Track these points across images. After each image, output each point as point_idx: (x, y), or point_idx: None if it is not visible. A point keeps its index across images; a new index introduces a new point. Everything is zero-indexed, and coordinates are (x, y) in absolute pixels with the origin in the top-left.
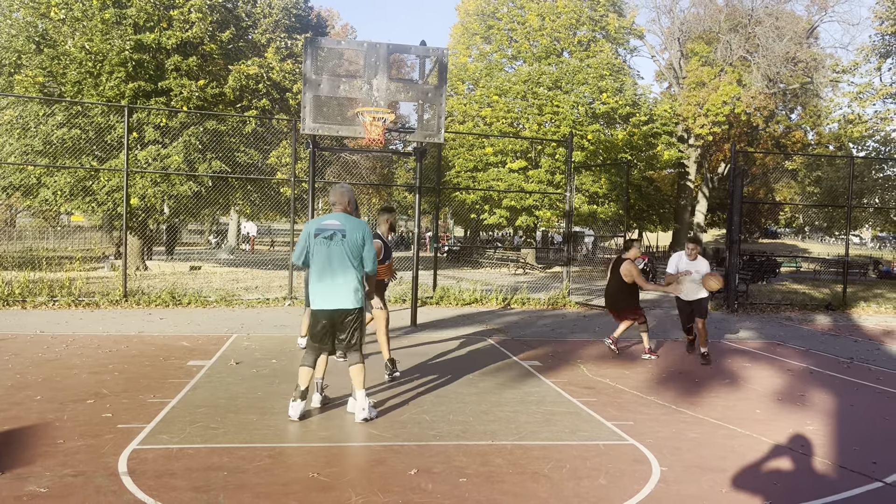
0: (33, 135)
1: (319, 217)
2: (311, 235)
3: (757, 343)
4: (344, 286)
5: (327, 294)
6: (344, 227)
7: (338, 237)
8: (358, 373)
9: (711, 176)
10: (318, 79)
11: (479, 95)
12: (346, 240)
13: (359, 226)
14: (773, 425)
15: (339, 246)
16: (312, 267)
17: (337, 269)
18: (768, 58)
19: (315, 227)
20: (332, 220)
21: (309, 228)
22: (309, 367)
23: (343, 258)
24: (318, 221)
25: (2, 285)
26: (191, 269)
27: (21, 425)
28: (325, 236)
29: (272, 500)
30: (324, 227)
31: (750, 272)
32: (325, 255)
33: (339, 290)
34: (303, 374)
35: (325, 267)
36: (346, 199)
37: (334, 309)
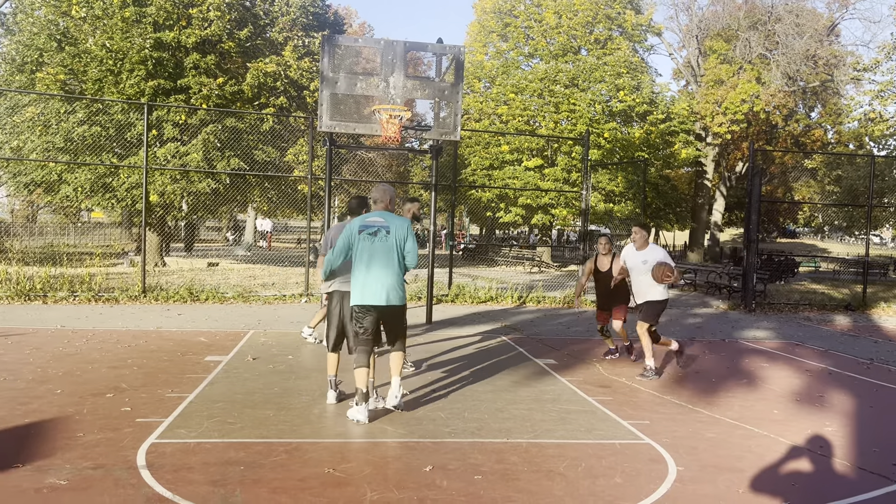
0: (55, 132)
1: (363, 215)
2: (356, 232)
3: (775, 343)
4: (389, 282)
5: (373, 291)
6: (388, 224)
7: (382, 233)
8: (398, 360)
9: (729, 175)
10: (336, 76)
11: (495, 93)
12: (391, 236)
13: (402, 222)
14: (791, 426)
15: (383, 242)
16: (356, 264)
17: (382, 266)
18: (788, 55)
19: (359, 224)
20: (375, 217)
21: (352, 226)
22: (364, 366)
23: (388, 255)
24: (362, 219)
25: (23, 280)
26: (208, 266)
27: (42, 418)
28: (370, 233)
29: (288, 495)
30: (368, 224)
31: (768, 272)
32: (370, 252)
33: (384, 287)
34: (360, 376)
35: (369, 263)
36: (387, 196)
37: (381, 305)
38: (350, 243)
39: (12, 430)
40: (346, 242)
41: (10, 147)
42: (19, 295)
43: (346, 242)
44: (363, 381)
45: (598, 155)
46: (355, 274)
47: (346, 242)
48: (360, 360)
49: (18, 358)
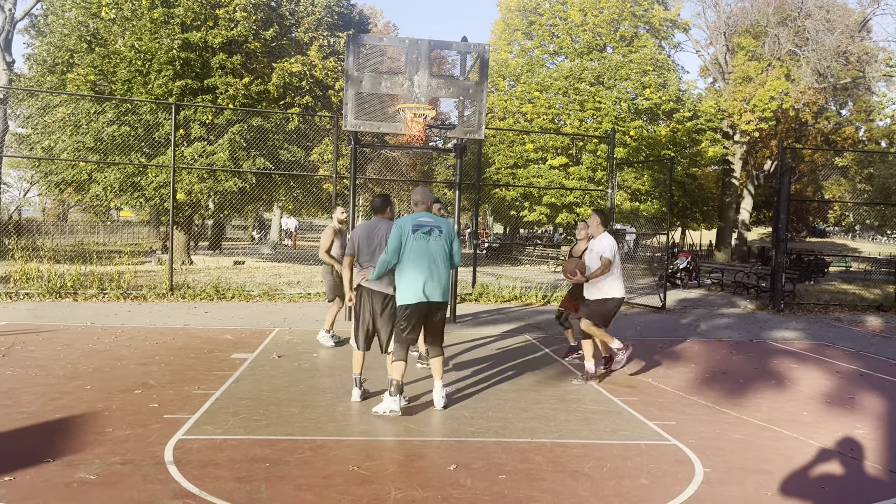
0: (85, 132)
1: (411, 215)
2: (409, 231)
3: (804, 344)
4: (442, 280)
5: (426, 288)
6: (438, 224)
7: (436, 233)
8: (441, 365)
9: (757, 173)
10: (360, 76)
11: (519, 91)
12: (443, 236)
13: (447, 223)
14: (820, 428)
15: (437, 241)
16: (406, 262)
17: (436, 264)
18: (818, 52)
19: (411, 223)
20: (425, 217)
21: (403, 225)
22: (402, 360)
23: (441, 253)
24: (414, 218)
25: (55, 278)
26: (234, 264)
27: (72, 414)
28: (424, 231)
29: (313, 492)
30: (421, 223)
31: (797, 271)
32: (425, 251)
33: (438, 285)
34: (397, 369)
35: (423, 262)
36: (429, 199)
37: (431, 302)
38: (402, 242)
39: (43, 424)
40: (399, 241)
41: (42, 147)
42: (51, 292)
43: (399, 241)
44: (400, 373)
45: (623, 153)
46: (407, 272)
47: (399, 241)
48: (399, 354)
49: (50, 354)
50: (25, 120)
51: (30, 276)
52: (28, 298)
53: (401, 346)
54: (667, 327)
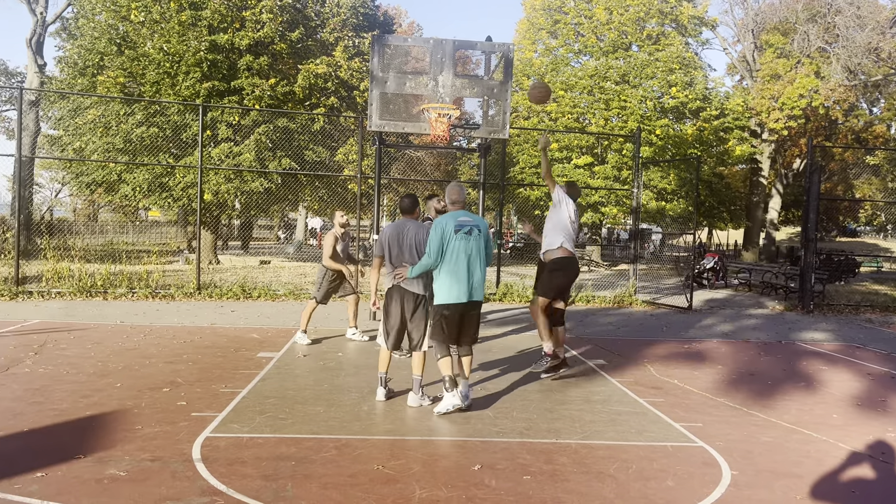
0: (115, 133)
1: (450, 213)
2: (451, 232)
3: (834, 345)
4: (480, 279)
5: (466, 288)
6: (477, 223)
7: (475, 232)
8: (470, 363)
9: (786, 172)
10: (385, 76)
11: None
12: (481, 235)
13: (483, 221)
14: (851, 431)
15: (477, 241)
16: (447, 263)
17: (476, 263)
18: (849, 48)
19: (453, 223)
20: (464, 216)
21: (444, 226)
22: (447, 355)
23: (481, 252)
24: (454, 218)
25: (85, 277)
26: (260, 264)
27: (102, 411)
28: (465, 231)
29: (338, 490)
30: (461, 223)
31: (827, 272)
32: (466, 250)
33: (477, 284)
34: (445, 365)
35: (464, 261)
36: (463, 197)
37: (473, 301)
38: (444, 242)
39: (75, 421)
40: (440, 242)
41: (73, 148)
42: (81, 291)
43: (441, 242)
44: (449, 368)
45: (649, 152)
46: (447, 273)
47: (440, 242)
48: (442, 351)
49: (80, 352)
50: (57, 122)
51: (61, 276)
52: (60, 297)
53: (441, 346)
54: (693, 328)
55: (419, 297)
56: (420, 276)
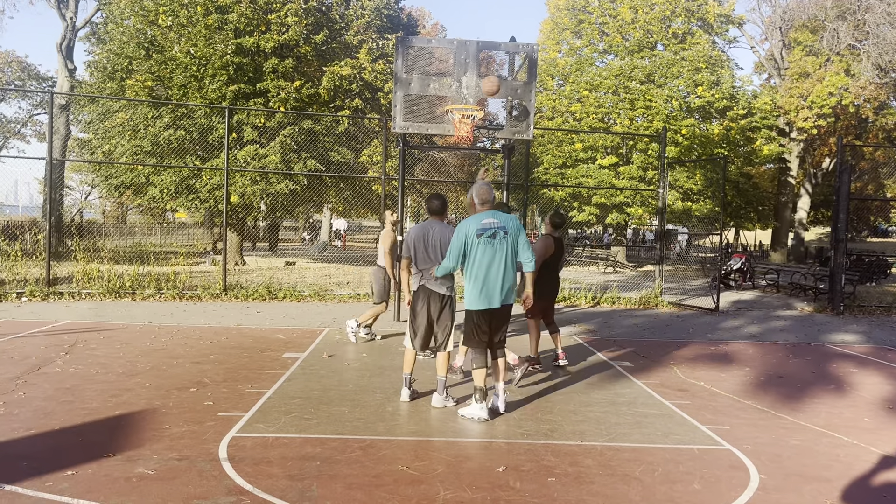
0: (142, 136)
1: (474, 217)
2: (473, 236)
3: (864, 348)
4: (507, 284)
5: (493, 293)
6: (505, 225)
7: (500, 235)
8: (504, 366)
9: (815, 171)
10: (409, 78)
11: (568, 91)
12: (508, 237)
13: (514, 220)
14: (882, 435)
15: (503, 244)
16: (472, 268)
17: (502, 268)
18: (879, 45)
19: (476, 226)
20: (489, 218)
21: (467, 229)
22: (485, 366)
23: (507, 256)
24: (478, 221)
25: (114, 278)
26: (286, 265)
27: (131, 410)
28: (489, 235)
29: (363, 491)
30: (485, 225)
31: (857, 272)
32: (491, 254)
33: (503, 288)
34: (479, 376)
35: (489, 266)
36: (492, 196)
37: (498, 307)
38: (466, 247)
39: (104, 420)
40: (461, 247)
41: (102, 151)
42: (111, 292)
43: (462, 246)
44: (482, 380)
45: (675, 152)
46: (473, 278)
47: (461, 247)
48: (479, 361)
49: (110, 352)
50: (87, 125)
51: (91, 277)
52: (90, 298)
53: (478, 354)
54: (720, 329)
55: (445, 298)
56: (445, 277)
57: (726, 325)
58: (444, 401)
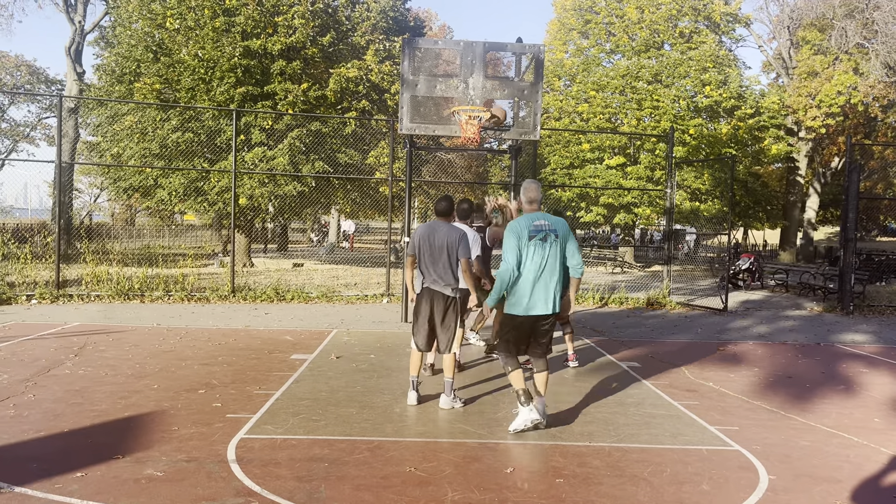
0: (151, 139)
1: (525, 216)
2: (525, 238)
3: (875, 347)
4: (553, 291)
5: (536, 301)
6: (555, 227)
7: (551, 237)
8: (545, 380)
9: (824, 170)
10: (416, 79)
11: (575, 91)
12: (559, 240)
13: (562, 222)
14: (893, 435)
15: (554, 247)
16: (524, 270)
17: (553, 272)
18: (888, 44)
19: (527, 227)
20: (540, 219)
21: (518, 230)
22: (518, 368)
23: (557, 260)
24: (529, 221)
25: (123, 280)
26: (294, 267)
27: (140, 412)
28: (541, 237)
29: (371, 492)
30: (537, 227)
31: (867, 272)
32: (542, 257)
33: (548, 296)
34: (516, 378)
35: (539, 270)
36: (541, 195)
37: (539, 314)
38: (520, 248)
39: (113, 422)
40: (517, 250)
41: (111, 154)
42: (119, 294)
43: (518, 250)
44: (522, 381)
45: (683, 152)
46: (523, 283)
47: (517, 250)
48: (512, 364)
49: (119, 354)
50: (95, 128)
51: (100, 279)
52: (99, 300)
53: (511, 360)
54: (728, 329)
55: (449, 299)
56: (450, 278)
57: (735, 326)
58: (451, 402)
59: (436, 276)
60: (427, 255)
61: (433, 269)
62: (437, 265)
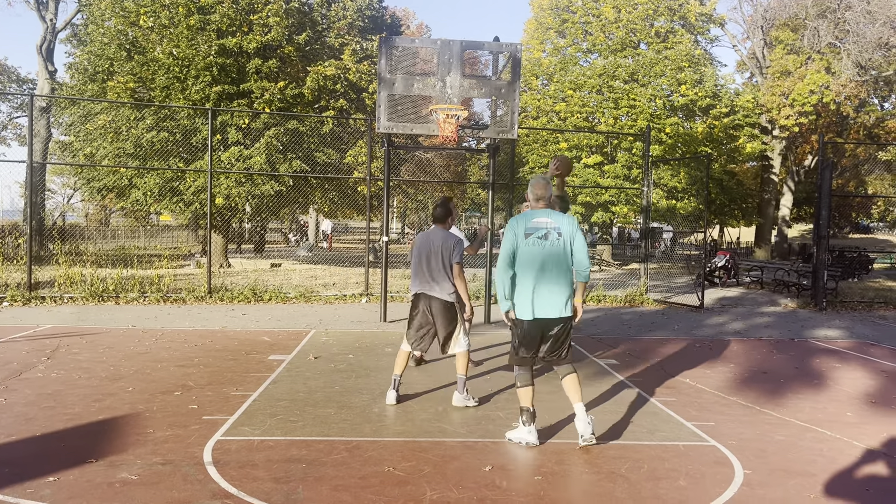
0: (125, 138)
1: (524, 213)
2: (521, 235)
3: (847, 343)
4: (561, 291)
5: (550, 301)
6: (558, 225)
7: (553, 236)
8: (575, 384)
9: (797, 168)
10: (393, 78)
11: (553, 90)
12: (563, 238)
13: (569, 220)
14: (865, 429)
15: (555, 246)
16: (524, 272)
17: (554, 273)
18: (859, 44)
19: (524, 225)
20: (542, 216)
21: (515, 228)
22: (529, 384)
23: (560, 259)
24: (527, 219)
25: (97, 282)
26: (271, 267)
27: (114, 415)
28: (539, 236)
29: (349, 493)
30: (535, 225)
31: (840, 268)
32: (540, 257)
33: (556, 297)
34: (527, 395)
35: (539, 270)
36: (549, 192)
37: (549, 318)
38: (514, 248)
39: (87, 425)
40: (511, 248)
41: (84, 154)
42: (94, 295)
43: (512, 247)
44: (530, 400)
45: (659, 151)
46: (518, 283)
47: (511, 248)
48: (525, 379)
49: (93, 356)
50: (68, 128)
51: (74, 281)
52: (72, 302)
53: (522, 371)
54: (705, 326)
55: (447, 304)
56: (447, 283)
57: (711, 322)
58: (464, 400)
59: (432, 282)
60: (420, 263)
61: (430, 275)
62: (434, 271)
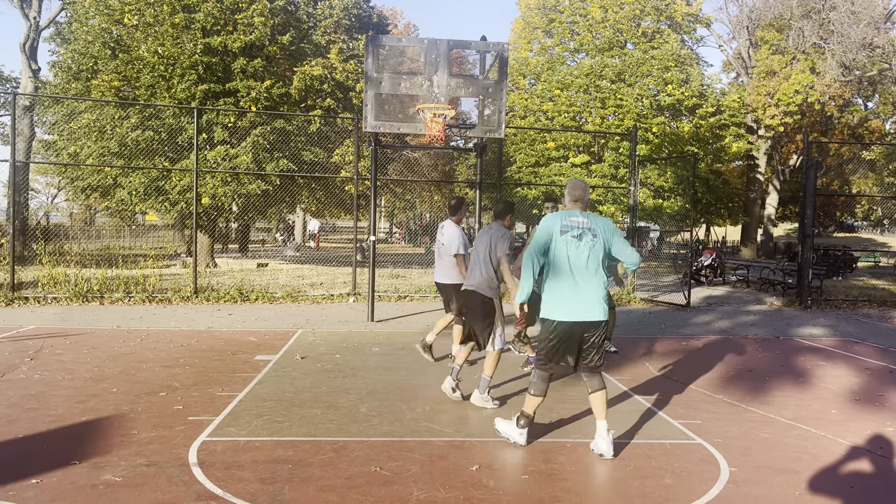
0: (109, 137)
1: (561, 212)
2: (557, 233)
3: (832, 341)
4: (594, 294)
5: (574, 304)
6: (594, 226)
7: (588, 237)
8: (603, 401)
9: (783, 168)
10: (380, 77)
11: (540, 90)
12: (598, 240)
13: (606, 223)
14: (849, 426)
15: (589, 247)
16: (550, 271)
17: (587, 275)
18: (844, 44)
19: (560, 223)
20: (578, 217)
21: (551, 225)
22: (541, 397)
23: (595, 261)
24: (564, 217)
25: (82, 282)
26: (258, 267)
27: (98, 416)
28: (574, 235)
29: (336, 493)
30: (572, 223)
31: (824, 267)
32: (574, 258)
33: (588, 299)
34: (531, 403)
35: (571, 271)
36: (587, 195)
37: (582, 321)
38: (547, 244)
39: (70, 427)
40: (544, 242)
41: (68, 153)
42: (77, 296)
43: (544, 244)
44: (535, 409)
45: (646, 150)
46: (550, 283)
47: (544, 242)
48: (540, 389)
49: (76, 357)
50: (52, 126)
51: (57, 281)
52: (56, 303)
53: (541, 380)
54: (691, 325)
55: (486, 300)
56: (491, 278)
57: (697, 321)
58: (484, 400)
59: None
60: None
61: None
62: (475, 266)
